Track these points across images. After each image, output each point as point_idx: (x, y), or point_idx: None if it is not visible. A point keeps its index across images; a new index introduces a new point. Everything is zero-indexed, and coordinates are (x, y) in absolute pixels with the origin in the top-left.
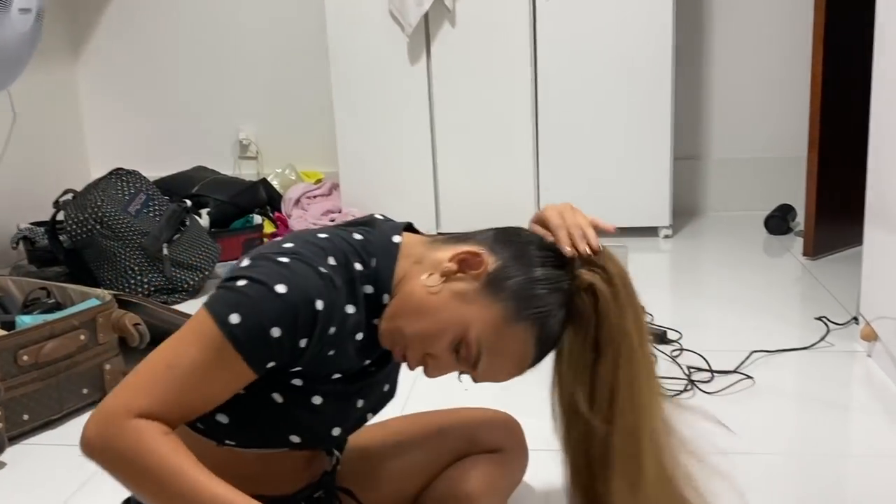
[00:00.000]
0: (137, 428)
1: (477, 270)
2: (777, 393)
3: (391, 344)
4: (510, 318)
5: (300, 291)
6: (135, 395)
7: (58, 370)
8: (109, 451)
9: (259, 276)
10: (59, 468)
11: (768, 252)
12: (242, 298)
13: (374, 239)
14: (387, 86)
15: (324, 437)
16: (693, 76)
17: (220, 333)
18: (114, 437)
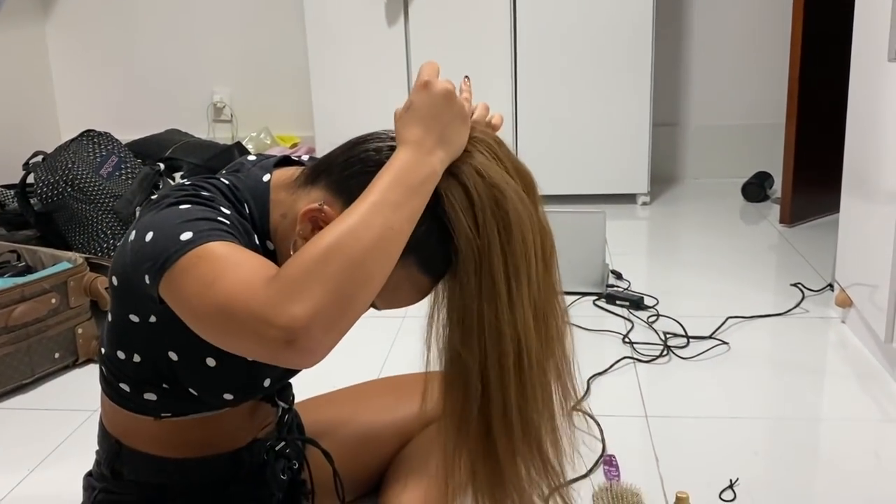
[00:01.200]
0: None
1: (324, 219)
2: (752, 358)
3: None
4: (406, 269)
5: (203, 203)
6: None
7: (28, 334)
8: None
9: (160, 215)
10: (30, 433)
11: (745, 219)
12: (170, 228)
13: (246, 180)
14: (364, 48)
15: (257, 388)
16: (673, 43)
17: (195, 248)
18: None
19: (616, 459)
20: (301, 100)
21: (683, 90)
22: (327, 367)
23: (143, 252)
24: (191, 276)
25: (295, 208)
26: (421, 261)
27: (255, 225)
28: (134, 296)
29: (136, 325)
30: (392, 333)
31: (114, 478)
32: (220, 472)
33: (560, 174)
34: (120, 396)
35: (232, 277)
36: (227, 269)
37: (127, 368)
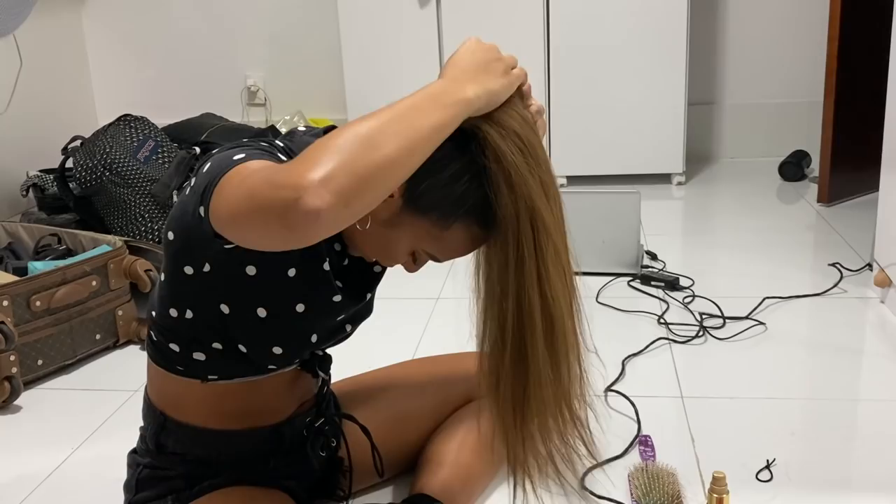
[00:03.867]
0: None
1: (390, 197)
2: (789, 339)
3: (364, 258)
4: (442, 225)
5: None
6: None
7: (70, 316)
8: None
9: (221, 154)
10: (73, 412)
11: (782, 198)
12: (223, 157)
13: (296, 146)
14: (396, 30)
15: (304, 344)
16: (708, 20)
17: (243, 163)
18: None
19: (652, 440)
20: (334, 83)
21: (719, 68)
22: (362, 348)
23: (199, 183)
24: (232, 179)
25: None
26: (479, 217)
27: None
28: (189, 243)
29: (189, 277)
30: (426, 315)
31: (158, 452)
32: (262, 446)
33: (594, 154)
34: (169, 360)
35: (262, 167)
36: (263, 166)
37: (179, 327)
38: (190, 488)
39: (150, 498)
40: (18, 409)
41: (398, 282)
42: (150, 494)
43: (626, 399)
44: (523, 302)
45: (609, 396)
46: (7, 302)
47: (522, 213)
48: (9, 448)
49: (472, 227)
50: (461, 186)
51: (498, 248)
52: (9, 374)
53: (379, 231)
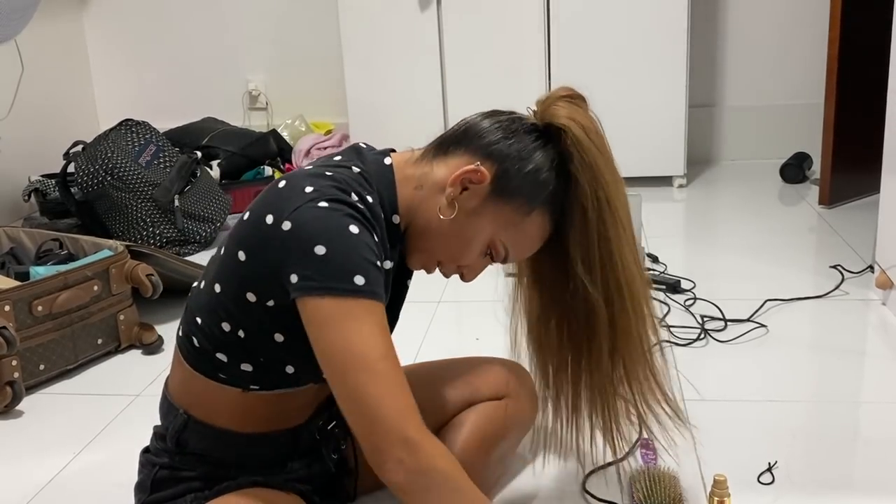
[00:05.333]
0: (444, 451)
1: (480, 184)
2: (791, 341)
3: (423, 266)
4: (524, 212)
5: (363, 226)
6: (410, 408)
7: (72, 320)
8: (432, 478)
9: (328, 233)
10: (75, 417)
11: (784, 200)
12: (343, 259)
13: (369, 164)
14: (396, 33)
15: None
16: (709, 23)
17: (364, 299)
18: (435, 466)
19: (653, 443)
20: (335, 86)
21: (720, 71)
22: None
23: (309, 258)
24: (351, 327)
25: (431, 178)
26: (552, 210)
27: (384, 204)
28: (261, 278)
29: (250, 304)
30: (426, 319)
31: (178, 451)
32: (282, 448)
33: None
34: (212, 366)
35: (398, 390)
36: (394, 372)
37: (229, 341)
38: (208, 489)
39: (167, 498)
40: (20, 413)
41: None
42: (167, 495)
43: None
44: (610, 282)
45: None
46: (9, 307)
47: (602, 200)
48: (11, 453)
49: (546, 217)
50: (545, 174)
51: (578, 236)
52: (11, 379)
53: (462, 221)
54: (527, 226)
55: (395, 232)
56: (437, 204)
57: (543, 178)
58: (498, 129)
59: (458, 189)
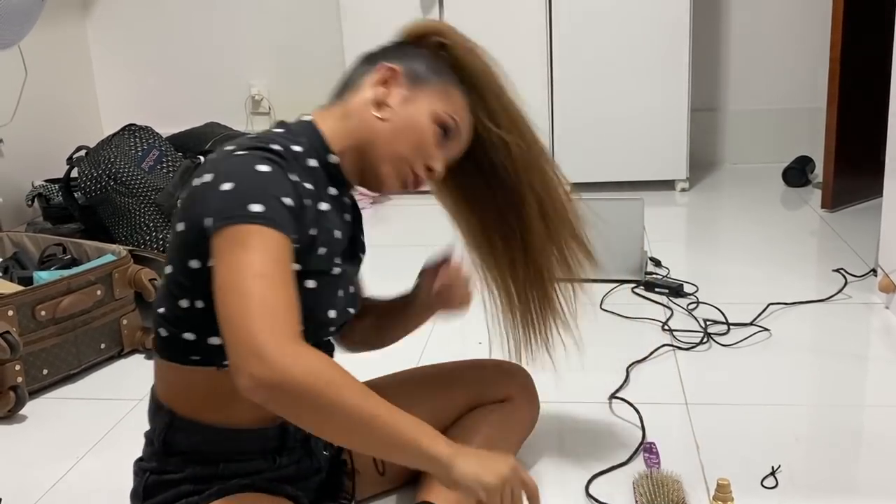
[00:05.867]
0: (305, 362)
1: (396, 78)
2: (794, 345)
3: (400, 176)
4: (443, 84)
5: (277, 165)
6: (269, 321)
7: (75, 325)
8: (287, 391)
9: (237, 172)
10: (78, 421)
11: (786, 204)
12: (244, 191)
13: (289, 124)
14: None
15: (323, 321)
16: (711, 26)
17: (260, 225)
18: (286, 378)
19: (656, 447)
20: None
21: (722, 74)
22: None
23: (217, 196)
24: (238, 252)
25: (352, 104)
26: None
27: (315, 149)
28: (195, 238)
29: (197, 270)
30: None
31: (165, 452)
32: (268, 444)
33: (597, 161)
34: (182, 351)
35: (260, 305)
36: (265, 289)
37: (191, 316)
38: (198, 493)
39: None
40: (24, 418)
41: (401, 289)
42: (158, 500)
43: (631, 406)
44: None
45: (613, 403)
46: (12, 311)
47: (481, 66)
48: (14, 458)
49: (459, 90)
50: (436, 60)
51: (477, 99)
52: (14, 384)
53: (400, 112)
54: (454, 99)
55: (335, 171)
56: (371, 115)
57: (438, 62)
58: (383, 49)
59: (383, 89)
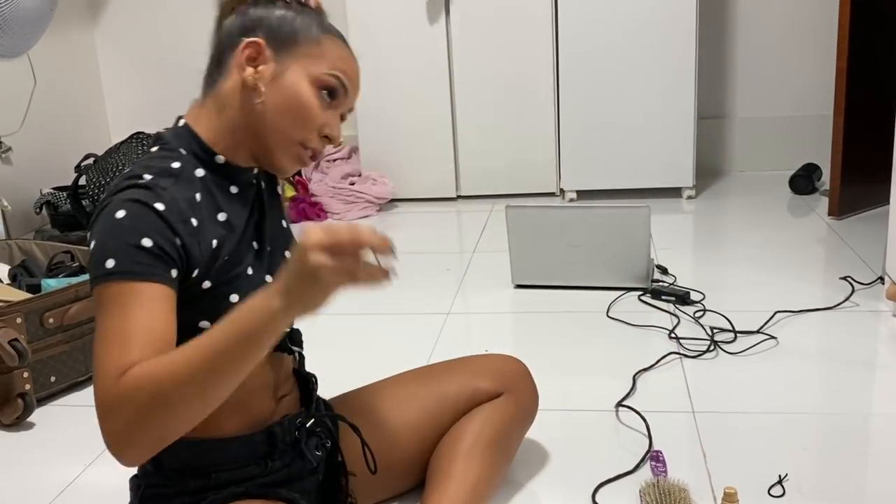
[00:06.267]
0: (128, 377)
1: (261, 52)
2: (801, 353)
3: (297, 158)
4: (314, 42)
5: (137, 204)
6: (108, 366)
7: (83, 332)
8: (130, 417)
9: (100, 226)
10: (86, 429)
11: (793, 212)
12: (101, 248)
13: (166, 137)
14: (406, 48)
15: None
16: (717, 33)
17: (114, 281)
18: (122, 404)
19: (663, 455)
20: None
21: (728, 82)
22: (371, 365)
23: (90, 257)
24: (100, 311)
25: (223, 95)
26: (333, 31)
27: (197, 155)
28: None
29: None
30: (435, 331)
31: (156, 470)
32: (257, 450)
33: (604, 168)
34: None
35: (107, 360)
36: (111, 348)
37: None
38: None
39: None
40: (31, 425)
41: (408, 296)
42: None
43: (637, 414)
44: None
45: (620, 412)
46: (20, 319)
47: None
48: (22, 465)
49: (335, 38)
50: (294, 11)
51: None
52: (22, 391)
53: (276, 90)
54: (328, 52)
55: (230, 170)
56: (246, 102)
57: (301, 12)
58: (229, 26)
59: (250, 70)
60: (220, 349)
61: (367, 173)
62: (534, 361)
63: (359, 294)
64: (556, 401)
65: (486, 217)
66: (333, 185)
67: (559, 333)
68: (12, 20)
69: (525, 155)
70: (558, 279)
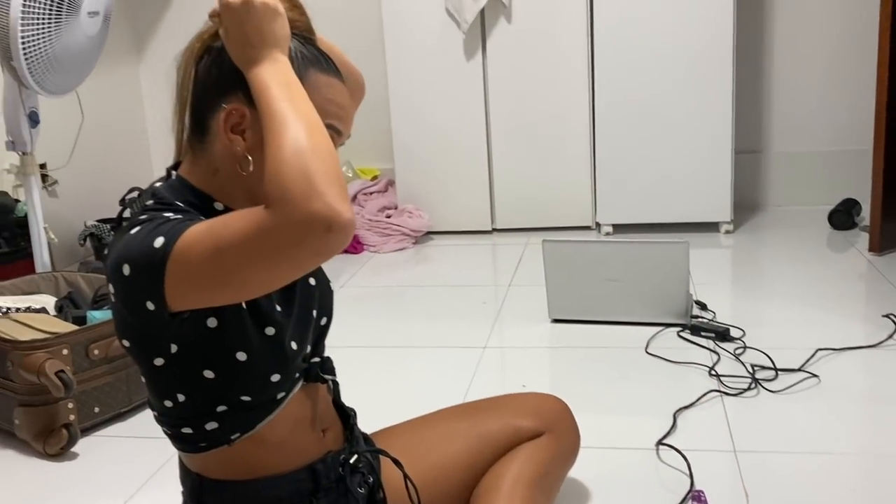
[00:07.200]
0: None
1: (244, 116)
2: (844, 392)
3: None
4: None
5: (146, 221)
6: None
7: (126, 364)
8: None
9: (113, 253)
10: (129, 460)
11: (833, 247)
12: (130, 252)
13: (161, 191)
14: (443, 83)
15: (289, 356)
16: (754, 68)
17: (177, 240)
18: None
19: (704, 495)
20: (382, 134)
21: (766, 116)
22: (408, 399)
23: (131, 285)
24: (193, 264)
25: (214, 158)
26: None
27: (195, 206)
28: (147, 339)
29: (163, 367)
30: (472, 364)
31: None
32: (301, 488)
33: (640, 202)
34: (188, 442)
35: (232, 229)
36: (220, 231)
37: (180, 412)
38: None
39: None
40: (75, 455)
41: (444, 329)
42: None
43: (678, 453)
44: None
45: (661, 450)
46: (67, 350)
47: None
48: (65, 495)
49: (319, 71)
50: None
51: None
52: (67, 422)
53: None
54: (313, 93)
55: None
56: (238, 171)
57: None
58: (204, 77)
59: (238, 139)
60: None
61: (403, 206)
62: (572, 397)
63: (395, 326)
64: (596, 438)
65: (522, 250)
66: (370, 218)
67: (597, 369)
68: (63, 58)
69: (560, 188)
70: (595, 314)
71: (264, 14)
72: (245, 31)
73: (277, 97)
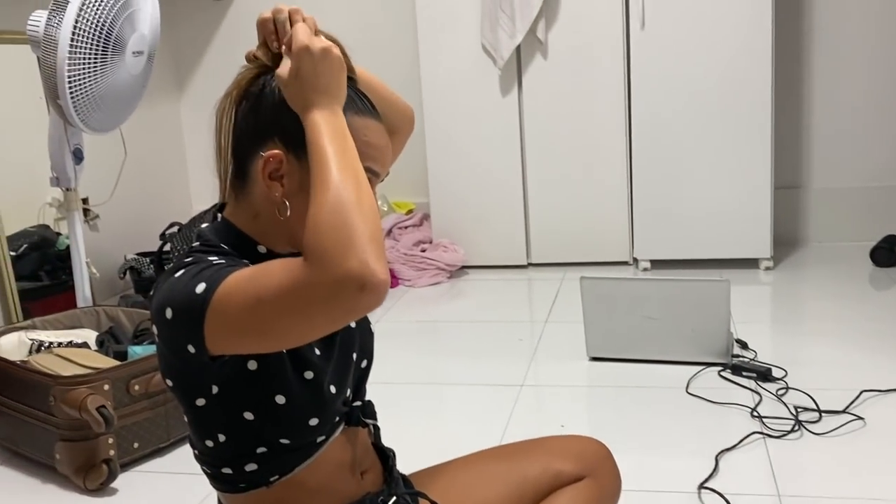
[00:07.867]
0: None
1: (281, 162)
2: (891, 435)
3: None
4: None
5: (191, 264)
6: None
7: (166, 399)
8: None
9: (159, 295)
10: (167, 495)
11: (875, 284)
12: (175, 296)
13: (206, 233)
14: (478, 117)
15: (328, 400)
16: (794, 102)
17: (218, 285)
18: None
19: None
20: (417, 167)
21: (805, 152)
22: (446, 437)
23: (173, 328)
24: (231, 313)
25: (255, 202)
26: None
27: (238, 248)
28: (189, 380)
29: (204, 407)
30: (510, 402)
31: None
32: None
33: (679, 238)
34: (228, 483)
35: (270, 281)
36: (260, 281)
37: (221, 452)
38: None
39: None
40: (115, 491)
41: (481, 366)
42: None
43: (721, 497)
44: None
45: (703, 493)
46: (108, 386)
47: None
48: None
49: (353, 114)
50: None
51: None
52: (107, 457)
53: (305, 198)
54: (353, 136)
55: (271, 258)
56: (279, 217)
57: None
58: (242, 123)
59: (276, 185)
60: (337, 149)
61: (439, 240)
62: (611, 438)
63: (430, 363)
64: (637, 481)
65: (558, 285)
66: (405, 252)
67: (637, 409)
68: (107, 97)
69: (597, 223)
70: (634, 352)
71: (339, 66)
72: (316, 77)
73: (330, 146)
